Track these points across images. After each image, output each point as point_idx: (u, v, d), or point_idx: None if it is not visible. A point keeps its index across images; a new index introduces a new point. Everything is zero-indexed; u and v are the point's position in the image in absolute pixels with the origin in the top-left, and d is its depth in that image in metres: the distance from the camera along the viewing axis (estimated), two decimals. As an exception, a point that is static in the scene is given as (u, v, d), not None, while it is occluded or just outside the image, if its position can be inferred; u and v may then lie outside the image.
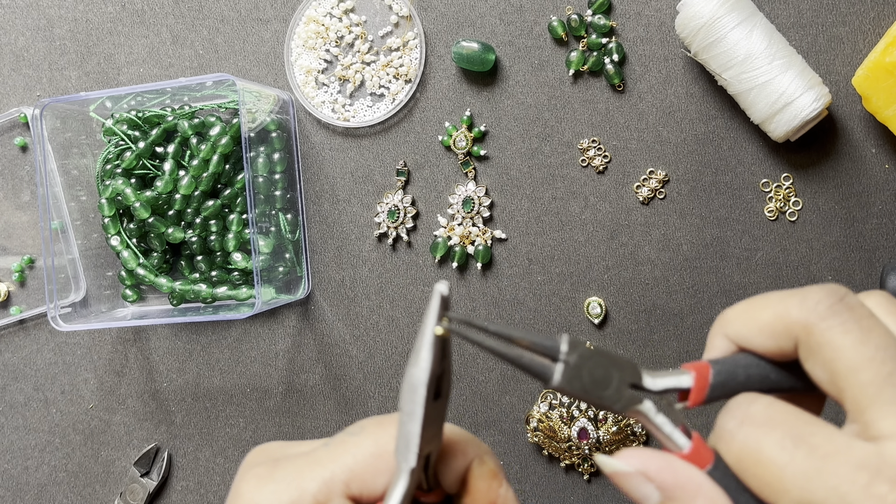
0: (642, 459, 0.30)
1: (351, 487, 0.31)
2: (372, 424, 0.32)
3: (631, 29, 0.66)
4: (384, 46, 0.70)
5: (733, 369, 0.31)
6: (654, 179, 0.66)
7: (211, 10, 0.72)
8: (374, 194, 0.70)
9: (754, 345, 0.31)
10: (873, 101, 0.59)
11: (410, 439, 0.30)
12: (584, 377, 0.30)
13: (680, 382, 0.31)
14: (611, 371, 0.31)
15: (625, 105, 0.66)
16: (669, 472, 0.30)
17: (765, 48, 0.58)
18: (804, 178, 0.64)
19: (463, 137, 0.68)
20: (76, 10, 0.74)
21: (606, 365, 0.31)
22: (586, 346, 0.31)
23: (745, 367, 0.31)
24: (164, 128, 0.69)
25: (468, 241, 0.68)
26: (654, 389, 0.31)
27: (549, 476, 0.68)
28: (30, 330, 0.76)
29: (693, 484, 0.30)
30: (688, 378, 0.31)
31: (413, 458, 0.30)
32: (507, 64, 0.68)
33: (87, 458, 0.75)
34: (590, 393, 0.30)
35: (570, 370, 0.30)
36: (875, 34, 0.63)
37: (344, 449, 0.31)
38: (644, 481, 0.30)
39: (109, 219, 0.70)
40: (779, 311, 0.30)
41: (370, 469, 0.31)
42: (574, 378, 0.30)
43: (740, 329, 0.31)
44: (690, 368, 0.31)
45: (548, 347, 0.31)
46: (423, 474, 0.32)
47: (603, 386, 0.31)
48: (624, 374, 0.31)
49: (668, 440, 0.31)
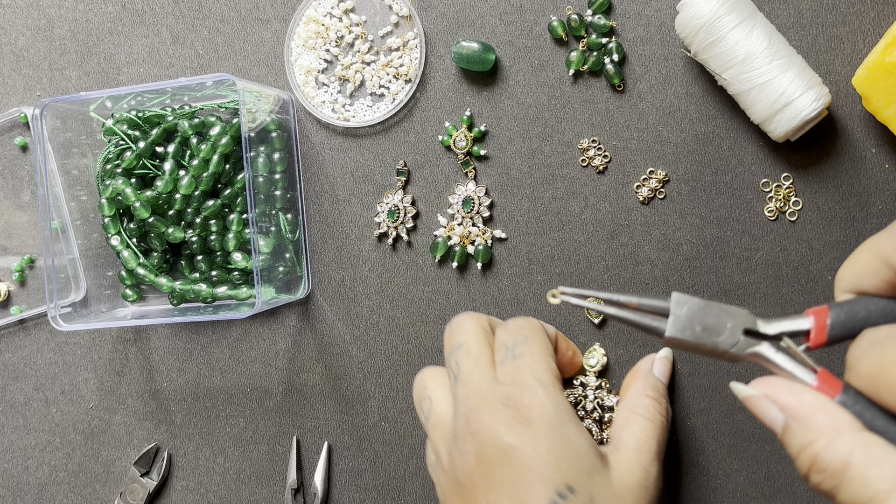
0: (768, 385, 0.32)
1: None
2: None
3: (631, 29, 0.66)
4: (384, 46, 0.70)
5: (853, 308, 0.31)
6: (654, 179, 0.66)
7: (211, 10, 0.72)
8: (374, 194, 0.70)
9: (865, 286, 0.32)
10: (873, 101, 0.59)
11: None
12: (695, 327, 0.31)
13: (798, 325, 0.32)
14: (723, 318, 0.31)
15: (625, 105, 0.66)
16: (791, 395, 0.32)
17: (765, 48, 0.58)
18: (804, 178, 0.64)
19: (463, 137, 0.68)
20: (76, 9, 0.74)
21: (717, 313, 0.31)
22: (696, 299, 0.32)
23: (865, 305, 0.31)
24: (164, 128, 0.69)
25: (468, 240, 0.68)
26: (771, 333, 0.32)
27: (549, 476, 0.68)
28: (30, 330, 0.76)
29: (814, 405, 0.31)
30: (806, 320, 0.31)
31: None
32: (507, 64, 0.68)
33: (88, 458, 0.75)
34: (703, 340, 0.31)
35: (680, 321, 0.32)
36: (875, 34, 0.63)
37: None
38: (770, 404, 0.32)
39: (109, 218, 0.70)
40: (872, 247, 0.32)
41: None
42: (686, 328, 0.31)
43: (847, 278, 0.33)
44: (812, 313, 0.32)
45: (657, 307, 0.32)
46: None
47: (716, 332, 0.31)
48: (737, 321, 0.31)
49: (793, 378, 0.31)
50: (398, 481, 0.70)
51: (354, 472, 0.71)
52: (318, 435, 0.71)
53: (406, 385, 0.70)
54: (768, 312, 0.65)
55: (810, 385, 0.31)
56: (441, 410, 0.48)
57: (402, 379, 0.70)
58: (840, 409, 0.31)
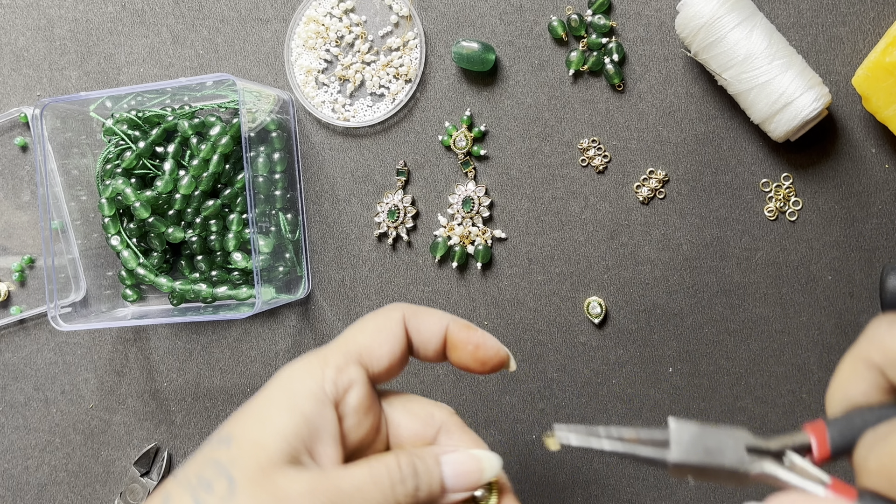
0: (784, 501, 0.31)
1: (363, 357, 0.40)
2: (370, 314, 0.42)
3: (631, 29, 0.66)
4: (384, 46, 0.70)
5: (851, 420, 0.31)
6: (653, 179, 0.66)
7: (211, 10, 0.72)
8: (374, 194, 0.70)
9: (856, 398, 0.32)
10: (873, 101, 0.59)
11: None
12: (699, 450, 0.31)
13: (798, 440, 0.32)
14: (724, 439, 0.31)
15: (625, 105, 0.66)
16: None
17: (765, 48, 0.58)
18: (804, 178, 0.64)
19: (463, 137, 0.68)
20: (76, 9, 0.74)
21: (717, 434, 0.31)
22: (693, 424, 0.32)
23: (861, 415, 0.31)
24: (164, 127, 0.69)
25: (468, 240, 0.68)
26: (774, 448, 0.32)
27: (549, 476, 0.68)
28: (30, 330, 0.76)
29: None
30: (805, 435, 0.31)
31: None
32: (507, 64, 0.68)
33: (87, 458, 0.75)
34: (709, 462, 0.31)
35: (683, 446, 0.31)
36: (875, 34, 0.63)
37: (353, 332, 0.41)
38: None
39: (109, 218, 0.70)
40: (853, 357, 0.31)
41: (375, 340, 0.40)
42: (691, 452, 0.31)
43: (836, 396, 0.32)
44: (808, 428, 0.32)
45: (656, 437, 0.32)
46: None
47: (720, 453, 0.31)
48: (738, 440, 0.31)
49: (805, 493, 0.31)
50: (398, 481, 0.70)
51: (354, 472, 0.70)
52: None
53: (405, 386, 0.70)
54: (768, 312, 0.65)
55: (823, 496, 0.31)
56: None
57: (401, 379, 0.70)
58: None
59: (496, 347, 0.42)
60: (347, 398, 0.39)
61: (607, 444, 0.33)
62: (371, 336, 0.41)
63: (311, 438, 0.37)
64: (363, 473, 0.37)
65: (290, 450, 0.36)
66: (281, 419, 0.37)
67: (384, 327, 0.41)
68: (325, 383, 0.38)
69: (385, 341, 0.40)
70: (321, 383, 0.38)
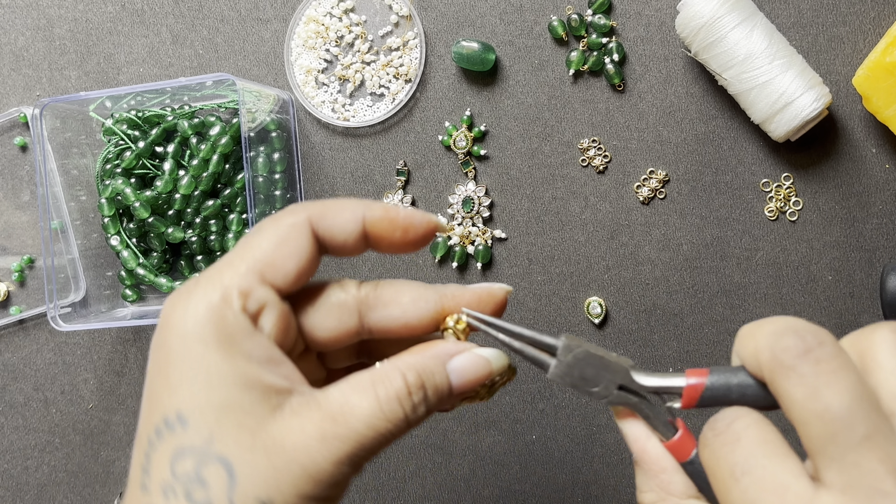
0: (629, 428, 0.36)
1: (266, 275, 0.33)
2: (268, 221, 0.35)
3: (631, 29, 0.66)
4: (384, 46, 0.70)
5: (730, 383, 0.33)
6: (654, 179, 0.66)
7: (211, 10, 0.72)
8: (374, 194, 0.70)
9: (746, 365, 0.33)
10: (874, 101, 0.59)
11: None
12: (574, 375, 0.35)
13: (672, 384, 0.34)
14: (601, 372, 0.35)
15: (625, 105, 0.66)
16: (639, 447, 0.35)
17: (765, 48, 0.58)
18: (804, 178, 0.64)
19: (463, 137, 0.68)
20: (76, 9, 0.74)
21: (598, 366, 0.35)
22: (583, 346, 0.35)
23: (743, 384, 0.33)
24: (163, 127, 0.69)
25: (468, 240, 0.68)
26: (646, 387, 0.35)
27: (549, 477, 0.68)
28: (29, 330, 0.76)
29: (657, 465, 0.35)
30: (681, 380, 0.34)
31: None
32: (508, 64, 0.68)
33: (87, 458, 0.75)
34: (579, 388, 0.35)
35: (562, 367, 0.35)
36: (875, 34, 0.63)
37: (250, 246, 0.34)
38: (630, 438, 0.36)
39: (109, 219, 0.70)
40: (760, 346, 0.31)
41: (278, 254, 0.34)
42: (566, 375, 0.35)
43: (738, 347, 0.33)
44: (691, 374, 0.33)
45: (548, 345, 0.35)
46: None
47: (593, 384, 0.35)
48: (614, 376, 0.35)
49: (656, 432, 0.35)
50: (397, 482, 0.70)
51: (354, 472, 0.70)
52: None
53: (406, 385, 0.70)
54: (768, 312, 0.65)
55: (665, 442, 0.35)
56: None
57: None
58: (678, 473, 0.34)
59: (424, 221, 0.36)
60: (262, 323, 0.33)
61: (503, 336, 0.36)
62: (273, 249, 0.34)
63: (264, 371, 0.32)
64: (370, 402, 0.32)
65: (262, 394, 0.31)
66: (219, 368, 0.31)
67: (288, 238, 0.34)
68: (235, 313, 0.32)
69: (290, 254, 0.34)
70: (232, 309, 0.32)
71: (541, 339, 0.35)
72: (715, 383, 0.33)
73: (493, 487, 0.69)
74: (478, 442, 0.69)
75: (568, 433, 0.68)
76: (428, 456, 0.70)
